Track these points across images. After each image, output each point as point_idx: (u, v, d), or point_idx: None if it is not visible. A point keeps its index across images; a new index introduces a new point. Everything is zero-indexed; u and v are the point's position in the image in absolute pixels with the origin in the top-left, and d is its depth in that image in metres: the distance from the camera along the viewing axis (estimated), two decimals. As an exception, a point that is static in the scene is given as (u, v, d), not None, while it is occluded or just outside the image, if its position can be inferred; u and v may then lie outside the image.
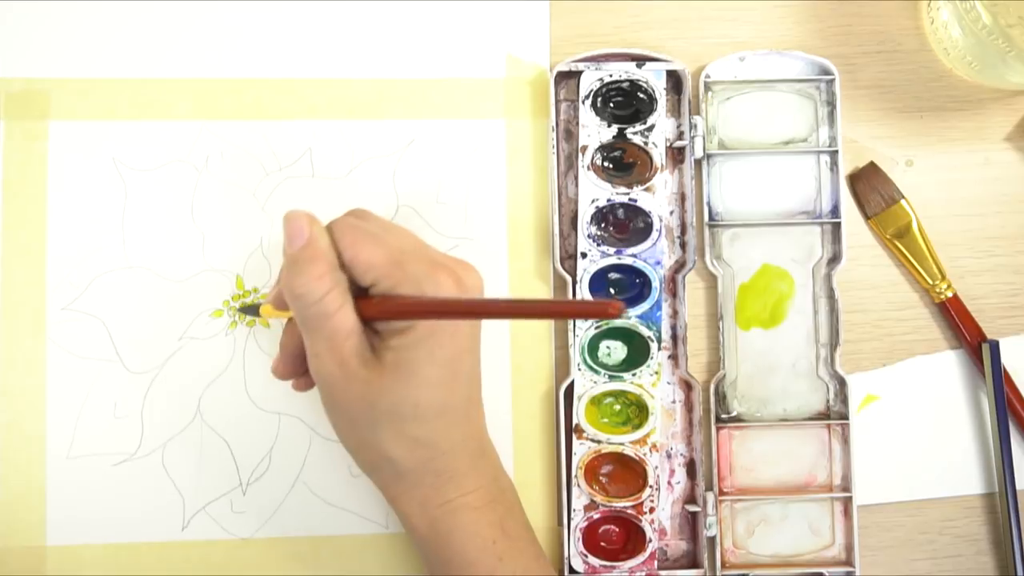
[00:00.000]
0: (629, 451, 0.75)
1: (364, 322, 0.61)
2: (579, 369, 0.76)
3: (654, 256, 0.76)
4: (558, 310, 0.66)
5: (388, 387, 0.60)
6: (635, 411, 0.76)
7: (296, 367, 0.67)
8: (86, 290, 0.75)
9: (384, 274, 0.60)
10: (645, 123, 0.76)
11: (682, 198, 0.78)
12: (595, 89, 0.76)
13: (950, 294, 0.78)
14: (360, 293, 0.62)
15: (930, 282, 0.79)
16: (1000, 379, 0.77)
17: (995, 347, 0.77)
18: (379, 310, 0.61)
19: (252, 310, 0.71)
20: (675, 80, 0.78)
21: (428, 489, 0.64)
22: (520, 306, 0.65)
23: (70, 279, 0.76)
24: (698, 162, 0.78)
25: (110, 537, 0.74)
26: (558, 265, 0.76)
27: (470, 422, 0.65)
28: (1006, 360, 0.78)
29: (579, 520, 0.75)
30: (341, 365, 0.60)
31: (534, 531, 0.69)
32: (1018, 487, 0.78)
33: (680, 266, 0.78)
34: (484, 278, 0.64)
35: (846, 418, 0.77)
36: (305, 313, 0.60)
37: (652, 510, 0.75)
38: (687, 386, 0.78)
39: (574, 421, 0.75)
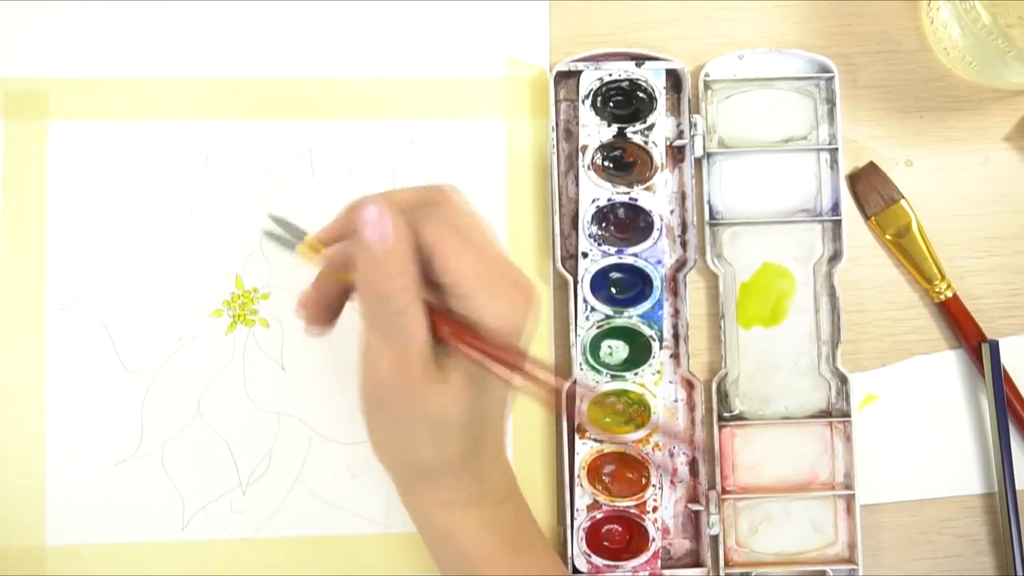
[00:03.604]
0: (631, 450, 0.75)
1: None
2: (581, 369, 0.76)
3: (655, 255, 0.76)
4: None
5: (448, 400, 0.59)
6: (637, 410, 0.76)
7: (325, 316, 0.64)
8: (86, 290, 0.75)
9: (469, 290, 0.58)
10: (645, 122, 0.76)
11: (682, 197, 0.78)
12: (595, 89, 0.76)
13: (950, 294, 0.78)
14: (430, 288, 0.59)
15: (930, 282, 0.79)
16: (1000, 379, 0.77)
17: (995, 347, 0.77)
18: (456, 337, 0.58)
19: (288, 242, 0.63)
20: (675, 79, 0.78)
21: (450, 487, 0.62)
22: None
23: (70, 279, 0.75)
24: (698, 161, 0.78)
25: (110, 537, 0.74)
26: (559, 265, 0.76)
27: (503, 432, 0.64)
28: (1006, 360, 0.78)
29: (582, 520, 0.75)
30: (402, 369, 0.58)
31: None
32: (1018, 487, 0.78)
33: (681, 265, 0.78)
34: None
35: (848, 416, 0.77)
36: (378, 311, 0.58)
37: (655, 509, 0.75)
38: (689, 385, 0.78)
39: (576, 420, 0.75)
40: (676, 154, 0.79)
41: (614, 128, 0.76)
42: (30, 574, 0.74)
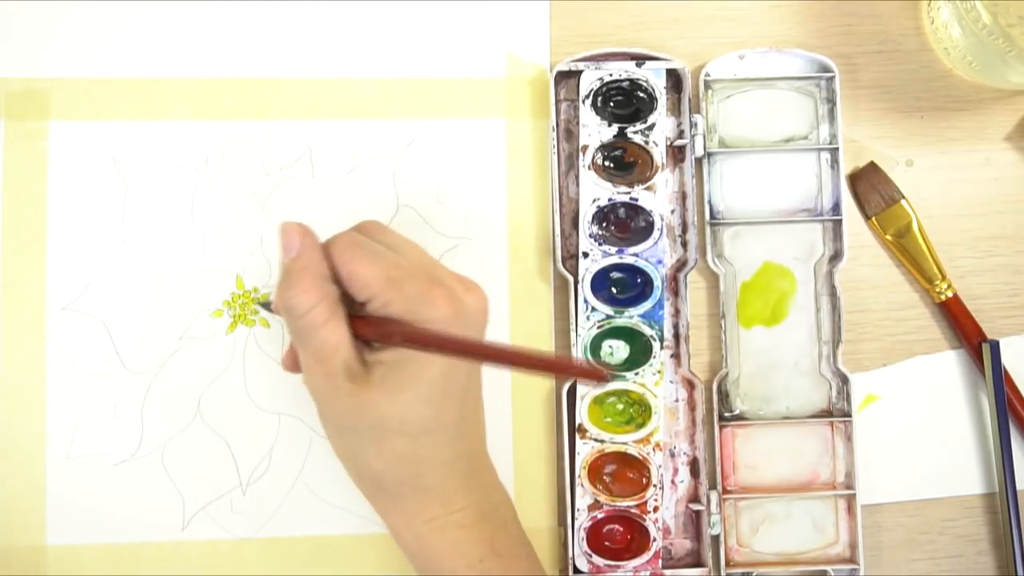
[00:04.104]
0: (632, 450, 0.75)
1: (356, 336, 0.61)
2: (581, 368, 0.76)
3: (656, 255, 0.76)
4: (542, 365, 0.63)
5: (375, 402, 0.60)
6: (638, 410, 0.76)
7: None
8: (86, 290, 0.75)
9: (377, 291, 0.60)
10: (645, 122, 0.76)
11: (683, 197, 0.78)
12: (595, 88, 0.76)
13: (950, 294, 0.78)
14: (358, 309, 0.61)
15: (930, 282, 0.79)
16: (1000, 379, 0.77)
17: (995, 347, 0.77)
18: (373, 332, 0.61)
19: (269, 306, 0.70)
20: (675, 79, 0.78)
21: (414, 505, 0.63)
22: (508, 355, 0.63)
23: (70, 279, 0.75)
24: (699, 160, 0.78)
25: (110, 537, 0.74)
26: (560, 265, 0.76)
27: (463, 440, 0.64)
28: (1006, 360, 0.78)
29: (583, 520, 0.75)
30: (328, 378, 0.60)
31: (531, 545, 0.67)
32: (1018, 487, 0.78)
33: (682, 265, 0.78)
34: (485, 281, 0.63)
35: (849, 415, 0.77)
36: (293, 325, 0.60)
37: (656, 509, 0.75)
38: (690, 385, 0.78)
39: (577, 421, 0.75)
40: (676, 154, 0.79)
41: (614, 128, 0.76)
42: (30, 574, 0.73)
